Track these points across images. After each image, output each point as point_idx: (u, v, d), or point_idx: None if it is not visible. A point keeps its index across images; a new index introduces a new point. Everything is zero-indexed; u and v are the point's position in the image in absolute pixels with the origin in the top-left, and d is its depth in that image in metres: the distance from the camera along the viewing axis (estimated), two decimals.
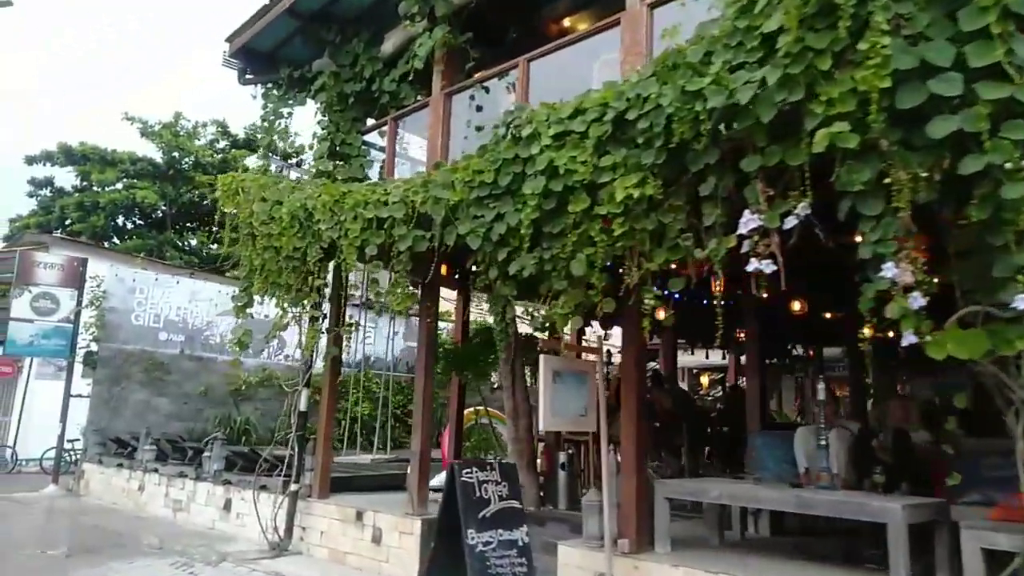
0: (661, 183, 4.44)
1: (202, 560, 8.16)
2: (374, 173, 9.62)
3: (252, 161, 27.46)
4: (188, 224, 27.65)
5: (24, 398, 18.36)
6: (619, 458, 5.98)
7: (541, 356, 5.58)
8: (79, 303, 14.80)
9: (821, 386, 5.61)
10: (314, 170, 9.23)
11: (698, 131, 4.14)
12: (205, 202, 26.85)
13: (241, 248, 8.06)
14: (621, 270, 4.84)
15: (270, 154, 9.03)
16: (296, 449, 8.88)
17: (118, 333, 15.04)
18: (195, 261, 24.60)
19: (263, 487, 9.55)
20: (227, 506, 10.14)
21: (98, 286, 15.05)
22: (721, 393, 17.23)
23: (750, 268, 3.90)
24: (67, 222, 24.42)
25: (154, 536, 9.62)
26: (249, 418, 16.46)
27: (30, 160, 24.91)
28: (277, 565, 8.00)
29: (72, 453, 17.91)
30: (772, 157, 3.91)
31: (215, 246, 26.65)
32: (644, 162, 4.48)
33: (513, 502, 5.42)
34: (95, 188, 24.68)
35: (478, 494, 5.28)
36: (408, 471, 10.81)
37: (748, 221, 3.91)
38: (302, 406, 9.06)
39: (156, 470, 12.05)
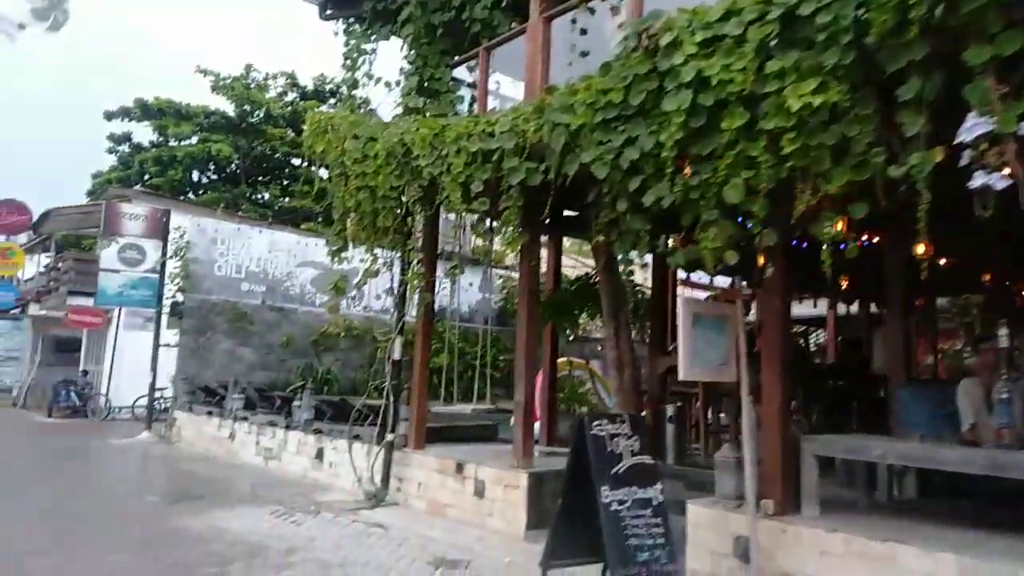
0: (847, 88, 3.73)
1: (301, 509, 8.02)
2: (463, 112, 9.07)
3: (323, 111, 27.31)
4: (260, 178, 27.79)
5: (114, 348, 18.86)
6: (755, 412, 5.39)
7: (681, 298, 5.01)
8: (164, 253, 14.90)
9: (1003, 332, 4.86)
10: (402, 108, 8.72)
11: (904, 19, 3.41)
12: (276, 155, 26.92)
13: (334, 188, 7.66)
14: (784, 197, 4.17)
15: (353, 94, 8.52)
16: (391, 399, 8.59)
17: (202, 284, 15.13)
18: (268, 214, 24.75)
19: (356, 437, 9.37)
20: (319, 455, 10.03)
21: (181, 236, 15.11)
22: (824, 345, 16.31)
23: (975, 184, 3.20)
24: (146, 177, 24.82)
25: (250, 484, 9.61)
26: (330, 368, 16.50)
27: (109, 116, 25.29)
28: (376, 516, 7.79)
29: (162, 401, 18.40)
30: (1008, 44, 3.16)
31: (287, 199, 26.78)
32: (825, 64, 3.77)
33: (645, 457, 4.93)
34: (171, 143, 24.93)
35: (609, 448, 4.80)
36: (510, 423, 10.66)
37: (974, 126, 3.20)
38: (396, 354, 8.75)
39: (246, 419, 12.10)
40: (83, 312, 18.61)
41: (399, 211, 7.18)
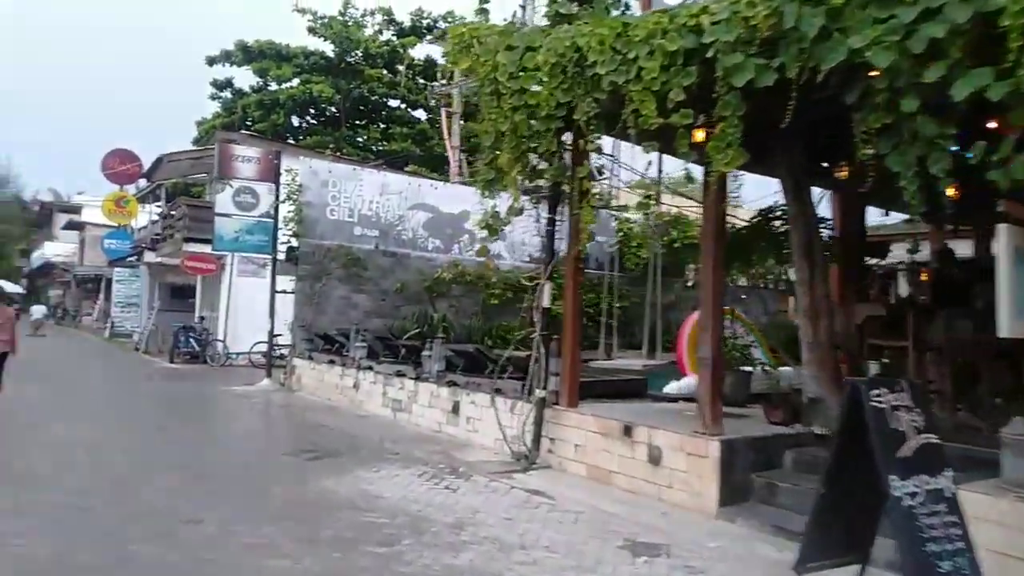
0: None
1: (449, 470, 7.31)
2: None
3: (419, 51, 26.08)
4: (358, 121, 27.22)
5: (229, 295, 18.89)
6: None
7: (1002, 227, 3.75)
8: (277, 197, 14.43)
9: None
10: (549, 17, 7.53)
11: None
12: (374, 97, 26.22)
13: (484, 111, 6.63)
14: None
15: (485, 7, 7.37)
16: (542, 351, 7.68)
17: (315, 228, 14.62)
18: (369, 157, 24.19)
19: (497, 391, 8.58)
20: (455, 409, 9.32)
21: (293, 179, 14.55)
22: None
23: None
24: (248, 121, 24.64)
25: (383, 439, 9.02)
26: (445, 315, 15.84)
27: (210, 60, 25.12)
28: (531, 481, 6.98)
29: (277, 348, 18.37)
30: None
31: (385, 142, 26.12)
32: None
33: (931, 436, 3.80)
34: (272, 86, 24.56)
35: (892, 425, 3.70)
36: (661, 377, 9.64)
37: None
38: (545, 302, 7.78)
39: (370, 368, 11.55)
40: (198, 259, 18.64)
41: (562, 135, 6.08)
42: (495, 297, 16.55)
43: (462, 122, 21.43)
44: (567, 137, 6.60)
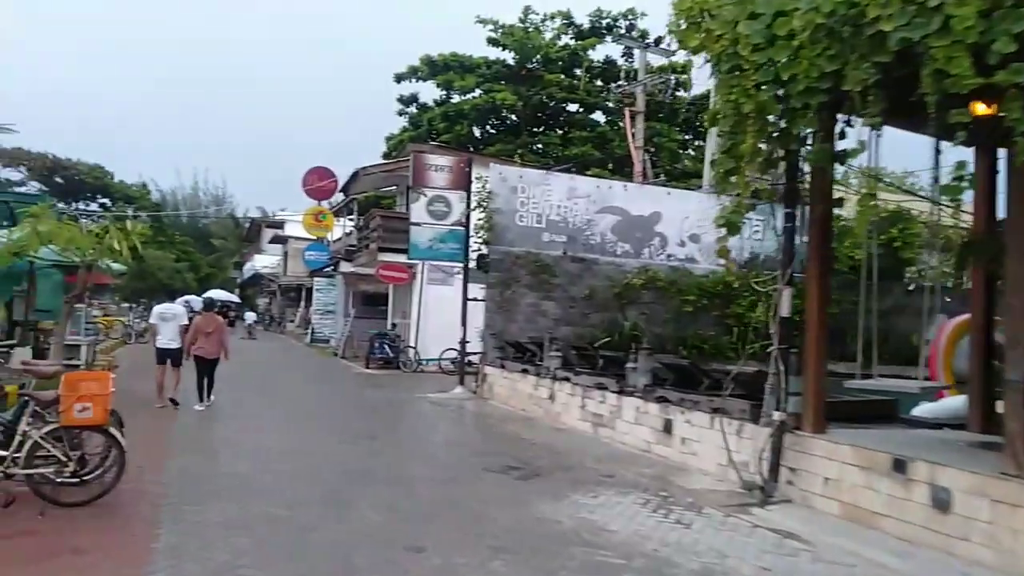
0: None
1: (674, 500, 6.51)
2: None
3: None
4: (536, 128, 27.12)
5: (419, 302, 19.33)
6: None
7: None
8: (468, 204, 14.40)
9: None
10: None
11: None
12: (553, 103, 26.00)
13: (720, 92, 5.79)
14: None
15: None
16: (780, 367, 6.67)
17: (505, 235, 14.42)
18: (550, 163, 23.94)
19: (717, 410, 7.66)
20: (667, 428, 8.50)
21: (483, 187, 14.47)
22: None
23: None
24: (433, 134, 25.34)
25: (590, 457, 8.40)
26: (636, 323, 15.05)
27: (398, 78, 26.16)
28: (774, 517, 6.00)
29: (464, 355, 18.51)
30: None
31: (564, 147, 25.77)
32: None
33: None
34: (455, 98, 25.08)
35: None
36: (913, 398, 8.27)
37: None
38: (784, 310, 6.76)
39: (567, 379, 11.03)
40: (392, 268, 19.26)
41: (823, 112, 5.10)
42: (689, 304, 15.48)
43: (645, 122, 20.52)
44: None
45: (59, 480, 5.46)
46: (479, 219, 14.46)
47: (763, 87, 5.34)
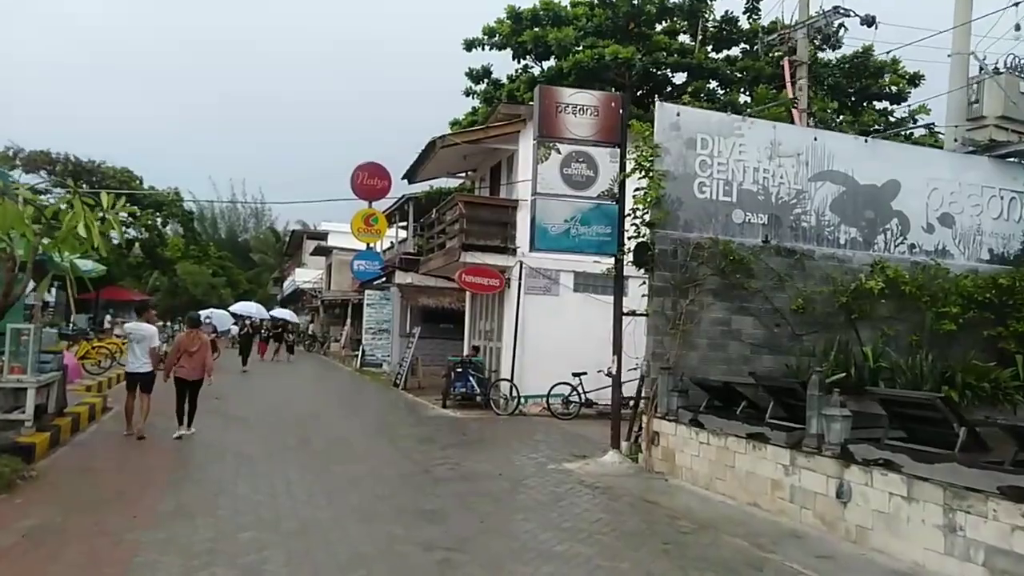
0: None
1: None
2: None
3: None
4: (644, 94, 21.87)
5: (517, 319, 14.22)
6: None
7: None
8: (621, 165, 9.26)
9: None
10: None
11: None
12: (661, 70, 20.85)
13: None
14: None
15: None
16: None
17: (678, 214, 9.27)
18: None
19: None
20: None
21: (644, 140, 9.32)
22: None
23: None
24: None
25: None
26: (880, 348, 9.71)
27: (469, 45, 21.30)
28: None
29: (578, 395, 13.38)
30: None
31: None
32: None
33: None
34: (543, 65, 20.10)
35: None
36: None
37: None
38: None
39: (879, 463, 5.74)
40: (480, 272, 14.22)
41: None
42: (948, 319, 10.06)
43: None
44: None
45: None
46: (637, 189, 9.34)
47: None
